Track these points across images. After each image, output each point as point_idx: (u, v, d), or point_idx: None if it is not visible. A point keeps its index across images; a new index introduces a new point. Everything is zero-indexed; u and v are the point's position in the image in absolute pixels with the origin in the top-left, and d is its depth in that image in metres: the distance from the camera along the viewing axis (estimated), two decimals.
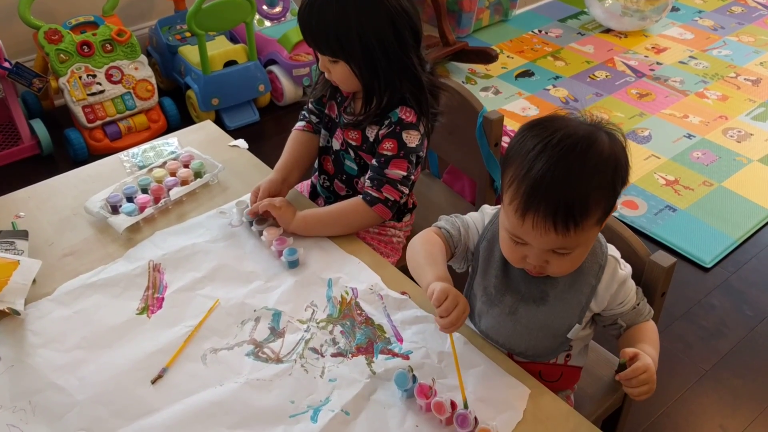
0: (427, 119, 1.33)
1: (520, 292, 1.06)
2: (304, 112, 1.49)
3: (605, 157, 0.92)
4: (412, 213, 1.50)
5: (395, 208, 1.33)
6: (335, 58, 1.25)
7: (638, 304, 1.08)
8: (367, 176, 1.33)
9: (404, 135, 1.29)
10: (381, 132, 1.31)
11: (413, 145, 1.30)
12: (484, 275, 1.10)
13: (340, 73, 1.27)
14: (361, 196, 1.32)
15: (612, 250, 1.07)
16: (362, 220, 1.32)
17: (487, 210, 1.13)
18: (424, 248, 1.08)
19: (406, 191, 1.32)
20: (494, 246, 1.08)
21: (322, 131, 1.45)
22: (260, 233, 1.28)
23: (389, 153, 1.29)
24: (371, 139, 1.34)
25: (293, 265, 1.22)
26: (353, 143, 1.37)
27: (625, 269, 1.07)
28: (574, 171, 0.90)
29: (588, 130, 0.93)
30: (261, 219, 1.30)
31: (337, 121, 1.40)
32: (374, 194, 1.30)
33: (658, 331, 1.09)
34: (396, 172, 1.29)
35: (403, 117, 1.29)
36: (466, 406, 0.95)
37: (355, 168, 1.41)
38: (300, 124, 1.48)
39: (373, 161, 1.32)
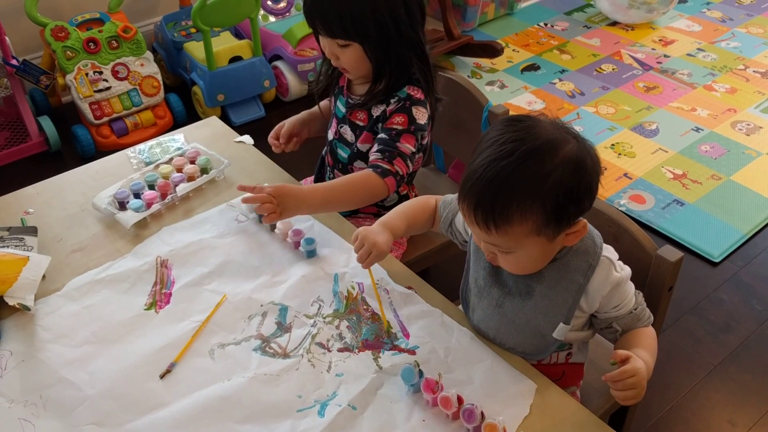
0: (433, 98, 1.33)
1: (507, 286, 1.06)
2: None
3: (545, 172, 0.89)
4: None
5: (401, 185, 1.32)
6: (348, 41, 1.24)
7: (636, 309, 1.04)
8: (375, 149, 1.30)
9: (414, 110, 1.29)
10: (389, 108, 1.31)
11: (422, 123, 1.30)
12: (475, 267, 1.10)
13: (351, 57, 1.26)
14: (370, 168, 1.28)
15: (608, 252, 1.03)
16: (373, 193, 1.28)
17: None
18: (409, 203, 1.20)
19: (411, 169, 1.32)
20: None
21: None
22: (273, 227, 1.27)
23: (400, 127, 1.29)
24: (375, 117, 1.33)
25: (312, 254, 1.23)
26: (360, 124, 1.37)
27: (622, 272, 1.02)
28: (502, 174, 0.89)
29: (550, 139, 0.90)
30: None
31: (334, 111, 1.41)
32: (386, 166, 1.27)
33: (656, 337, 1.06)
34: (406, 146, 1.29)
35: (412, 93, 1.30)
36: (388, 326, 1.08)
37: (345, 156, 1.42)
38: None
39: (382, 134, 1.30)
